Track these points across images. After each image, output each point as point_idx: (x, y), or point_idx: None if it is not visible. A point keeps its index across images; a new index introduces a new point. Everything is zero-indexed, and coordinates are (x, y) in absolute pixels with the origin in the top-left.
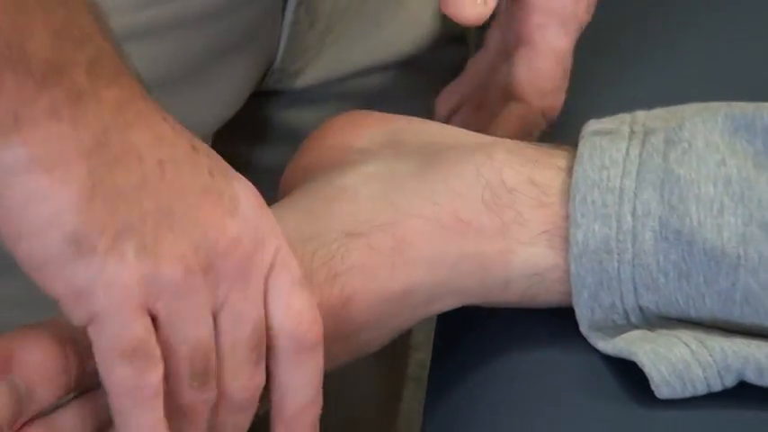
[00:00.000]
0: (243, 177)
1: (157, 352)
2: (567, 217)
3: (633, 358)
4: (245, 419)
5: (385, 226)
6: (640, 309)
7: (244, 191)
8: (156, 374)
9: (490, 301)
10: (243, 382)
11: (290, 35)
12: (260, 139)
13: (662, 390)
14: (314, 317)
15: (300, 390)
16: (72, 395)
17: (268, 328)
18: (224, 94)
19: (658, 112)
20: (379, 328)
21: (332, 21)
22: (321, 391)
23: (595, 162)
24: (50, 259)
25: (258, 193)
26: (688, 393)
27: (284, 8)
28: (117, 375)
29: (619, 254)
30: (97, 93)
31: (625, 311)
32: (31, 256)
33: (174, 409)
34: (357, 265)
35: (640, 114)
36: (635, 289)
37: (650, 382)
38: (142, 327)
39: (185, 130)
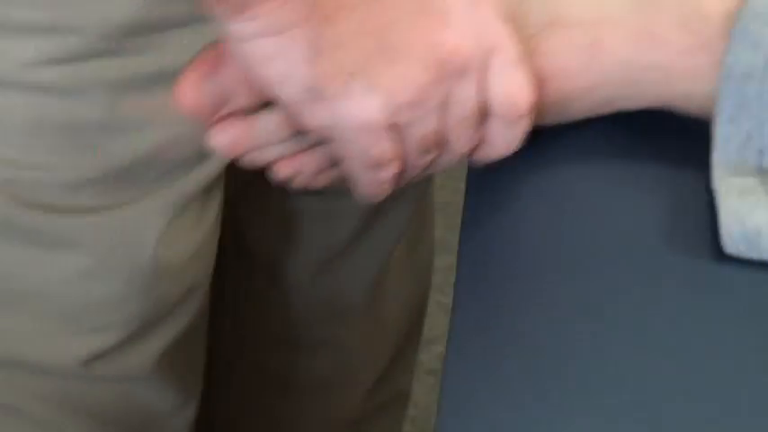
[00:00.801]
0: None
1: (395, 155)
2: None
3: (718, 210)
4: (453, 163)
5: (587, 24)
6: None
7: None
8: (393, 170)
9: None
10: (464, 143)
11: None
12: None
13: (730, 248)
14: (527, 92)
15: (504, 147)
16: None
17: (491, 102)
18: None
19: None
20: (559, 112)
21: None
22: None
23: None
24: (293, 104)
25: None
26: (754, 257)
27: None
28: (361, 176)
29: (761, 81)
30: None
31: (760, 150)
32: (277, 101)
33: (406, 173)
34: (553, 51)
35: None
36: None
37: (721, 239)
38: (382, 147)
39: None
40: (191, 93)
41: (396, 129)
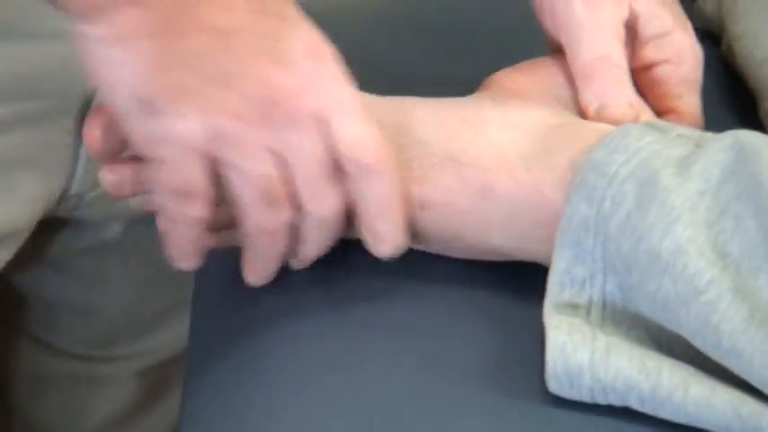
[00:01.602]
0: (309, 31)
1: (207, 192)
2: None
3: (547, 343)
4: (328, 237)
5: (481, 166)
6: (604, 303)
7: (304, 46)
8: (197, 210)
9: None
10: (319, 203)
11: (87, 163)
12: (52, 270)
13: (552, 384)
14: (374, 140)
15: (376, 202)
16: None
17: (339, 157)
18: (10, 211)
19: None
20: (449, 247)
21: None
22: (399, 197)
23: (609, 146)
24: (125, 112)
25: (323, 48)
26: (575, 397)
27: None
28: (166, 207)
29: (594, 235)
30: None
31: (590, 300)
32: (113, 107)
33: (255, 230)
34: (443, 185)
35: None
36: (604, 268)
37: (545, 373)
38: (195, 173)
39: None
40: (92, 135)
41: (218, 163)
